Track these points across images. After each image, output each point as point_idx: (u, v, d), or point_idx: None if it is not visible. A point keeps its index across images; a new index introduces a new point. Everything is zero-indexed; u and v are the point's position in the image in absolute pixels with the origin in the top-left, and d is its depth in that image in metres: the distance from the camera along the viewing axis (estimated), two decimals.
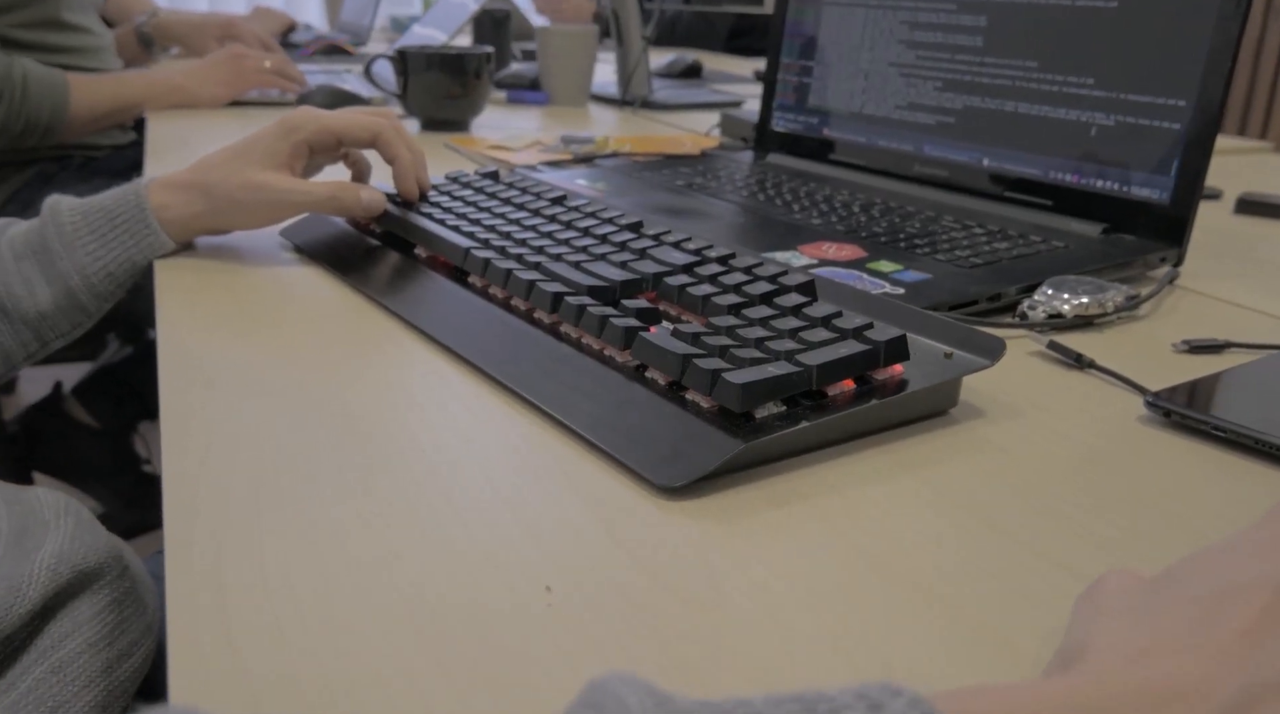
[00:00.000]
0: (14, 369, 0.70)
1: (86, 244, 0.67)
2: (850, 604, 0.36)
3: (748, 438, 0.43)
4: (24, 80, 1.35)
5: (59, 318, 0.68)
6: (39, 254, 0.67)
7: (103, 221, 0.68)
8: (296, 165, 0.72)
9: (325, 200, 0.71)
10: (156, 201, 0.70)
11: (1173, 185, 0.75)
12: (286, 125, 0.71)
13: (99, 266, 0.68)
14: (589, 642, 0.33)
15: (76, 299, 0.67)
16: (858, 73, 0.96)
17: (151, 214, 0.69)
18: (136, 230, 0.69)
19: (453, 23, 1.50)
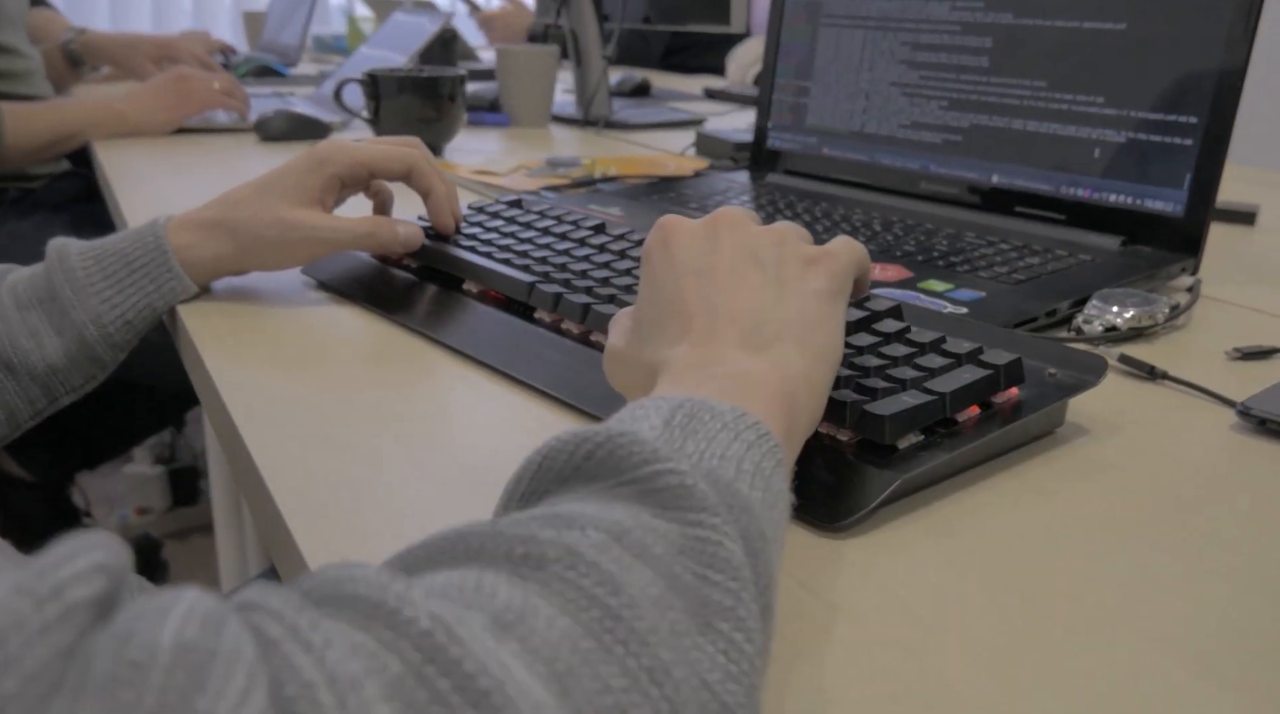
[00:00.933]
0: (19, 429, 0.65)
1: (102, 291, 0.63)
2: (1050, 642, 0.36)
3: (901, 470, 0.43)
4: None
5: (71, 372, 0.64)
6: (46, 303, 0.63)
7: (119, 266, 0.64)
8: (328, 201, 0.69)
9: (363, 237, 0.68)
10: (177, 242, 0.66)
11: (1186, 198, 0.78)
12: (316, 158, 0.68)
13: (116, 315, 0.63)
14: (820, 696, 0.33)
15: (92, 351, 0.63)
16: (858, 92, 0.97)
17: (173, 256, 0.65)
18: (157, 274, 0.65)
19: (410, 44, 1.47)
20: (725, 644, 0.25)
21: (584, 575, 0.24)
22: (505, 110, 1.53)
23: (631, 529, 0.27)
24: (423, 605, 0.21)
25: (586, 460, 0.30)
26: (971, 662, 0.34)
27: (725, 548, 0.27)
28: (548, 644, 0.22)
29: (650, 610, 0.24)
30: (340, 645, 0.19)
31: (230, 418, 0.52)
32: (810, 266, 0.44)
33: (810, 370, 0.40)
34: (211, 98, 1.41)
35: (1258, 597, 0.38)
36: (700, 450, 0.32)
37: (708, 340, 0.41)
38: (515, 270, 0.65)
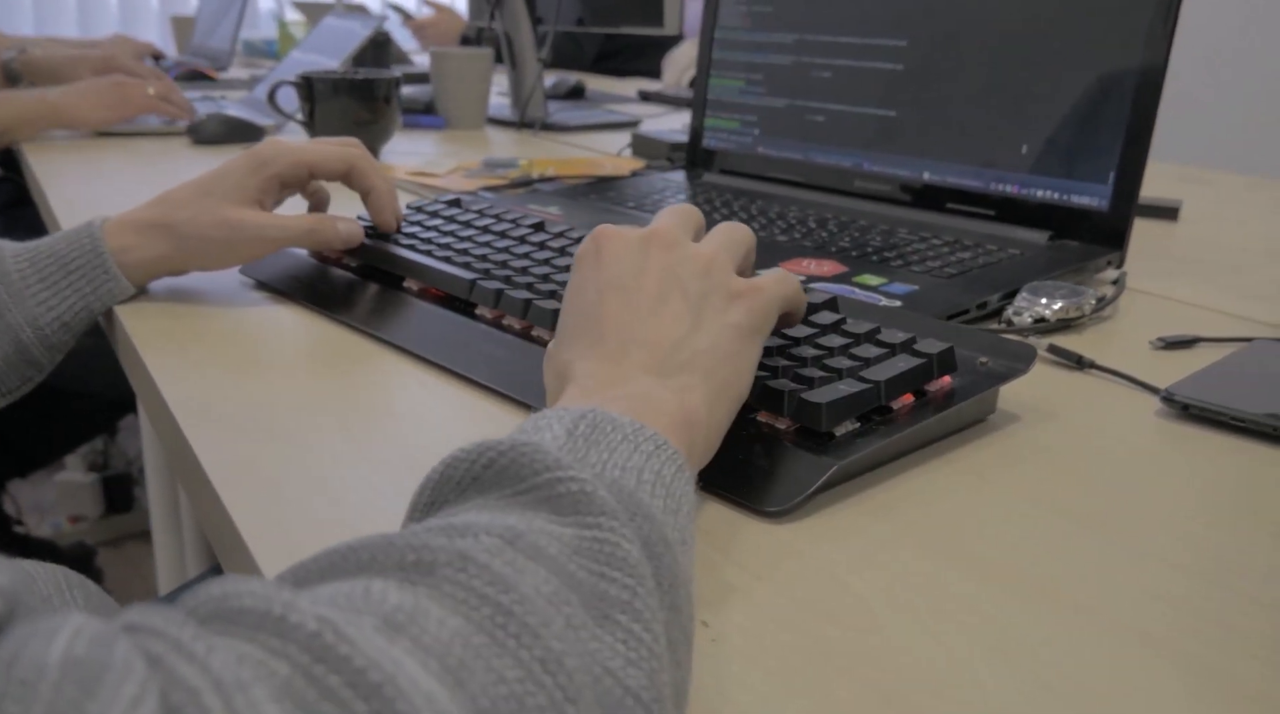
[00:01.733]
0: None
1: (37, 293, 0.62)
2: (991, 616, 0.37)
3: (838, 456, 0.44)
4: None
5: (8, 374, 0.63)
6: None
7: (54, 268, 0.63)
8: (266, 201, 0.68)
9: (304, 235, 0.67)
10: (115, 244, 0.65)
11: (1111, 193, 0.80)
12: (257, 159, 0.67)
13: (52, 317, 0.62)
14: (768, 676, 0.33)
15: (28, 354, 0.62)
16: (791, 90, 0.98)
17: (110, 258, 0.64)
18: (94, 276, 0.64)
19: (343, 48, 1.46)
20: (624, 634, 0.26)
21: (474, 577, 0.24)
22: (441, 113, 1.52)
23: (525, 533, 0.27)
24: (309, 610, 0.21)
25: (487, 469, 0.30)
26: (913, 635, 0.35)
27: (622, 548, 0.28)
28: (439, 642, 0.22)
29: (543, 606, 0.25)
30: (225, 654, 0.19)
31: (173, 417, 0.52)
32: (734, 300, 0.44)
33: (712, 403, 0.41)
34: (146, 102, 1.39)
35: (1180, 571, 0.40)
36: (603, 461, 0.33)
37: (618, 359, 0.41)
38: (456, 268, 0.65)
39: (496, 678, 0.22)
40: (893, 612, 0.37)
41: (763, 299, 0.45)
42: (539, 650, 0.23)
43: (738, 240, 0.48)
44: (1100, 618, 0.37)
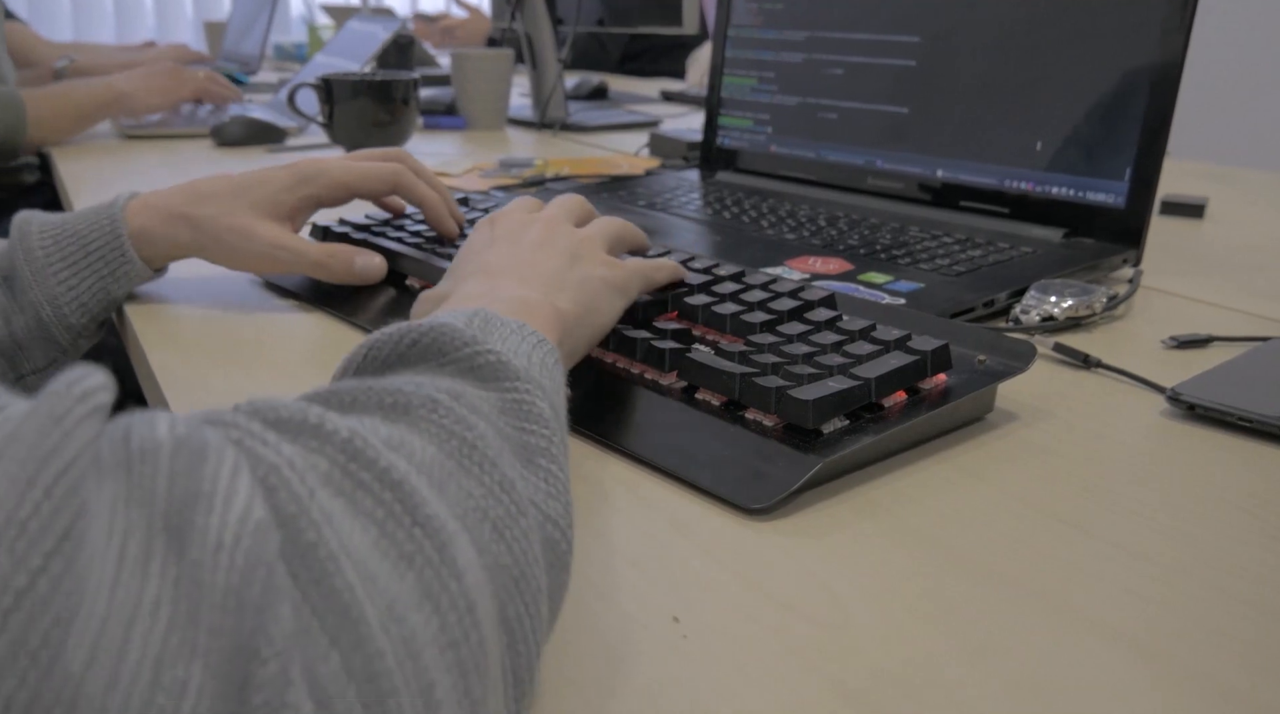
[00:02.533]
0: None
1: (58, 271, 0.62)
2: (967, 613, 0.36)
3: (824, 454, 0.43)
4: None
5: (33, 350, 0.63)
6: (10, 280, 0.62)
7: (74, 247, 0.63)
8: (299, 218, 0.68)
9: (313, 266, 0.66)
10: (135, 227, 0.64)
11: (1128, 190, 0.79)
12: (298, 176, 0.67)
13: (71, 297, 0.62)
14: (738, 670, 0.33)
15: (47, 331, 0.62)
16: (804, 89, 0.97)
17: (127, 241, 0.64)
18: (111, 258, 0.64)
19: (364, 51, 1.47)
20: (545, 474, 0.32)
21: (443, 416, 0.30)
22: (461, 114, 1.52)
23: (463, 393, 0.32)
24: (340, 421, 0.26)
25: (411, 347, 0.35)
26: (885, 633, 0.34)
27: (538, 406, 0.34)
28: (423, 462, 0.28)
29: (494, 442, 0.30)
30: (284, 445, 0.23)
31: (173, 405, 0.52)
32: (608, 265, 0.51)
33: (579, 317, 0.48)
34: (199, 86, 1.48)
35: (1168, 571, 0.39)
36: (501, 345, 0.38)
37: (495, 276, 0.48)
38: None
39: (467, 493, 0.28)
40: (867, 609, 0.36)
41: (625, 271, 0.53)
42: (496, 476, 0.29)
43: (608, 231, 0.55)
44: (1079, 618, 0.36)
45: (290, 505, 0.22)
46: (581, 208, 0.57)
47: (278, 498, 0.22)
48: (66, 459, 0.19)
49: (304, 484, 0.23)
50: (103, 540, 0.19)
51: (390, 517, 0.25)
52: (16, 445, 0.19)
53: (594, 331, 0.50)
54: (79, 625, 0.18)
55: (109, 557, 0.19)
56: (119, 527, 0.20)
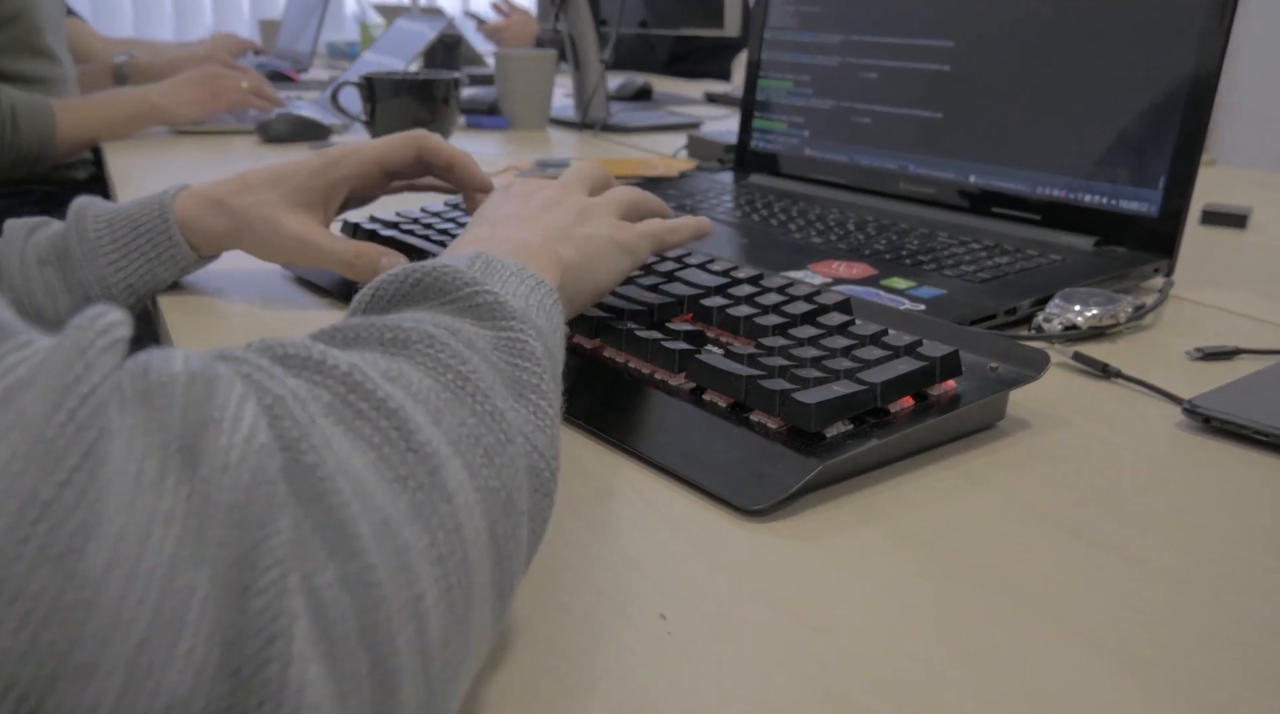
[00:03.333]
0: None
1: (109, 254, 0.65)
2: (960, 619, 0.36)
3: (825, 457, 0.44)
4: (13, 112, 1.33)
5: None
6: (62, 260, 0.64)
7: (126, 231, 0.66)
8: (332, 205, 0.69)
9: (341, 264, 0.67)
10: (182, 215, 0.67)
11: (1161, 198, 0.78)
12: (326, 160, 0.68)
13: (119, 278, 0.65)
14: (719, 669, 0.33)
15: None
16: (839, 92, 0.97)
17: (175, 227, 0.66)
18: (160, 242, 0.66)
19: (410, 49, 1.49)
20: (534, 408, 0.34)
21: (440, 351, 0.31)
22: (504, 113, 1.54)
23: (460, 329, 0.34)
24: (341, 356, 0.28)
25: (415, 287, 0.36)
26: (874, 637, 0.35)
27: (530, 345, 0.35)
28: (421, 391, 0.29)
29: (488, 376, 0.32)
30: (289, 379, 0.25)
31: None
32: (615, 226, 0.53)
33: (581, 266, 0.50)
34: (240, 96, 1.47)
35: (1180, 588, 0.39)
36: (501, 287, 0.39)
37: (500, 225, 0.50)
38: None
39: (460, 421, 0.30)
40: (857, 613, 0.36)
41: (634, 232, 0.54)
42: (488, 406, 0.31)
43: (621, 197, 0.57)
44: (1075, 627, 0.36)
45: (292, 431, 0.24)
46: (598, 176, 0.58)
47: (281, 425, 0.24)
48: (90, 386, 0.21)
49: (305, 412, 0.24)
50: (122, 460, 0.21)
51: (386, 442, 0.26)
52: (45, 375, 0.20)
53: (596, 286, 0.52)
54: (99, 534, 0.19)
55: (127, 474, 0.21)
56: (138, 449, 0.21)
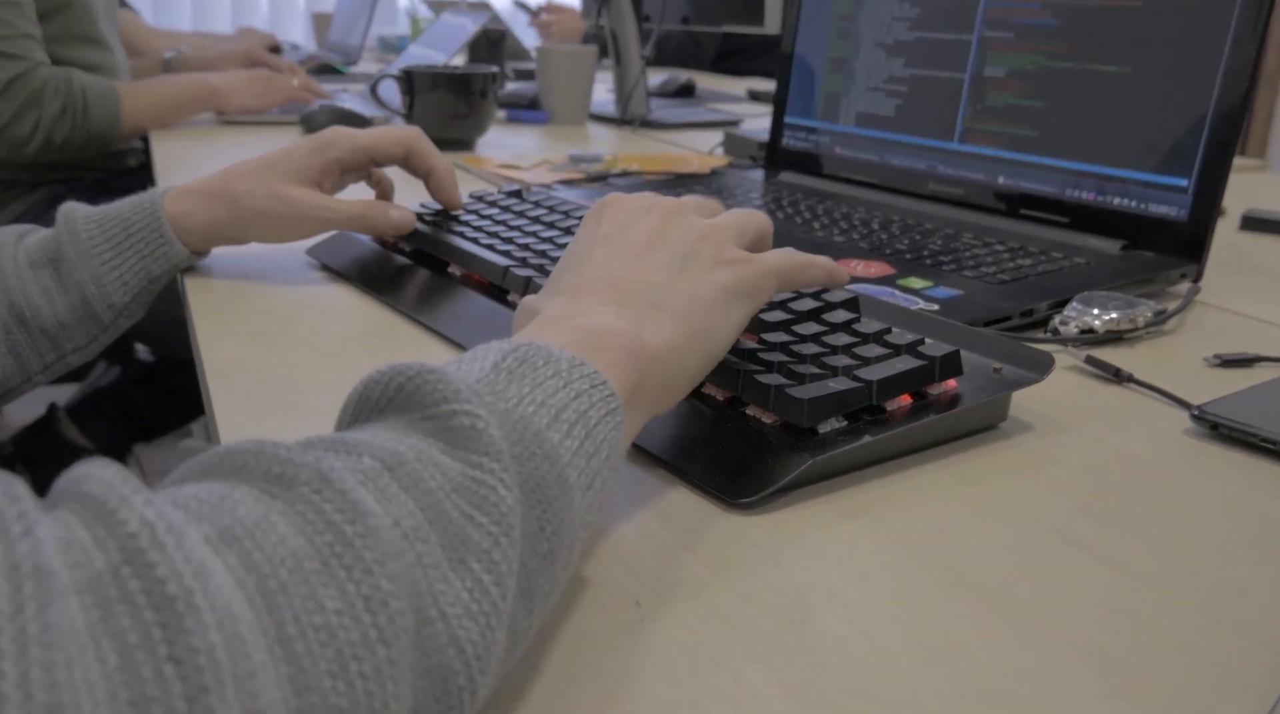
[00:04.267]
0: (30, 381, 0.68)
1: (102, 253, 0.66)
2: (931, 616, 0.36)
3: (814, 453, 0.44)
4: (84, 94, 1.38)
5: (76, 329, 0.67)
6: (56, 263, 0.66)
7: (117, 230, 0.67)
8: (326, 183, 0.72)
9: (354, 219, 0.70)
10: (173, 210, 0.69)
11: (1190, 202, 0.77)
12: (320, 142, 0.71)
13: (114, 276, 0.66)
14: (686, 656, 0.34)
15: (91, 309, 0.66)
16: (870, 92, 0.97)
17: (166, 223, 0.68)
18: (151, 239, 0.68)
19: (452, 43, 1.50)
20: (473, 583, 0.27)
21: (327, 500, 0.25)
22: (544, 108, 1.55)
23: (410, 461, 0.28)
24: (139, 510, 0.21)
25: (398, 392, 0.31)
26: (844, 630, 0.35)
27: (497, 493, 0.28)
28: (268, 561, 0.23)
29: (392, 540, 0.25)
30: (44, 536, 0.20)
31: (206, 382, 0.55)
32: (724, 265, 0.44)
33: (679, 346, 0.41)
34: (292, 93, 1.54)
35: (1164, 595, 0.38)
36: (521, 395, 0.33)
37: (584, 295, 0.42)
38: (496, 255, 0.66)
39: (316, 606, 0.23)
40: (831, 607, 0.36)
41: (755, 268, 0.45)
42: (366, 587, 0.24)
43: (744, 223, 0.48)
44: (1052, 630, 0.36)
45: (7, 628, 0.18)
46: (710, 207, 0.50)
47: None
48: None
49: (40, 592, 0.19)
50: None
51: (143, 644, 0.20)
52: None
53: (704, 358, 0.43)
54: None
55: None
56: None
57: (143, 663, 0.20)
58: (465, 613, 0.26)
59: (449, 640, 0.26)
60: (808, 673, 0.33)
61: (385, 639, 0.24)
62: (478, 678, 0.26)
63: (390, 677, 0.24)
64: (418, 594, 0.26)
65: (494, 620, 0.27)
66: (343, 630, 0.23)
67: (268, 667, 0.22)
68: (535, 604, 0.30)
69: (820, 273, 0.50)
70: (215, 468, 0.26)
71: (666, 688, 0.32)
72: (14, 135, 1.36)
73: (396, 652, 0.24)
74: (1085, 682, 0.33)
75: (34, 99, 1.35)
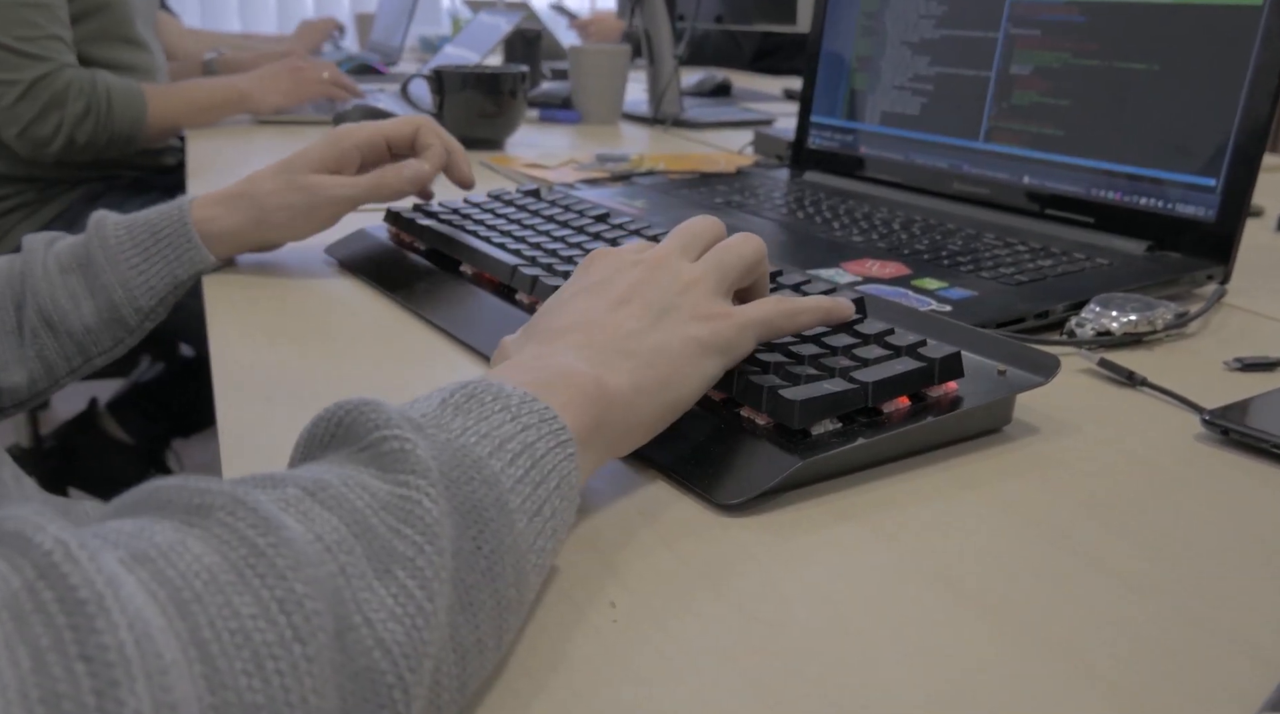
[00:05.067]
0: (57, 384, 0.70)
1: (130, 258, 0.68)
2: (916, 620, 0.36)
3: (805, 455, 0.43)
4: (108, 95, 1.41)
5: (102, 332, 0.68)
6: (84, 268, 0.67)
7: (146, 236, 0.69)
8: (346, 172, 0.73)
9: (373, 187, 0.72)
10: (200, 216, 0.70)
11: (1219, 202, 0.75)
12: (333, 134, 0.73)
13: (141, 280, 0.68)
14: (657, 657, 0.33)
15: (118, 313, 0.67)
16: (895, 90, 0.96)
17: (193, 228, 0.70)
18: (178, 244, 0.69)
19: (485, 43, 1.51)
20: (398, 589, 0.27)
21: (240, 520, 0.26)
22: (577, 108, 1.55)
23: (335, 485, 0.29)
24: (53, 533, 0.22)
25: (339, 427, 0.32)
26: (823, 632, 0.34)
27: (423, 506, 0.29)
28: (181, 574, 0.24)
29: (309, 551, 0.26)
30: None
31: (211, 374, 0.56)
32: (701, 320, 0.44)
33: (643, 391, 0.41)
34: (321, 88, 1.55)
35: (1155, 601, 0.37)
36: (465, 427, 0.34)
37: (554, 340, 0.43)
38: (506, 253, 0.67)
39: (230, 612, 0.24)
40: (812, 609, 0.36)
41: (732, 323, 0.45)
42: (280, 591, 0.25)
43: (729, 262, 0.47)
44: (1040, 636, 0.35)
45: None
46: (707, 233, 0.49)
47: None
48: None
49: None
50: None
51: (54, 646, 0.21)
52: None
53: (667, 407, 0.43)
54: None
55: None
56: None
57: (54, 663, 0.20)
58: (390, 616, 0.27)
59: (375, 643, 0.26)
60: (782, 677, 0.33)
61: (301, 638, 0.24)
62: (407, 676, 0.26)
63: (308, 673, 0.24)
64: (340, 601, 0.26)
65: (420, 622, 0.27)
66: (258, 632, 0.24)
67: (181, 665, 0.22)
68: (481, 619, 0.30)
69: (811, 317, 0.49)
70: (141, 504, 0.27)
71: (632, 689, 0.32)
72: (36, 135, 1.39)
73: (314, 649, 0.24)
74: (1072, 693, 0.32)
75: (57, 100, 1.38)
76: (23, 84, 1.37)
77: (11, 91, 1.37)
